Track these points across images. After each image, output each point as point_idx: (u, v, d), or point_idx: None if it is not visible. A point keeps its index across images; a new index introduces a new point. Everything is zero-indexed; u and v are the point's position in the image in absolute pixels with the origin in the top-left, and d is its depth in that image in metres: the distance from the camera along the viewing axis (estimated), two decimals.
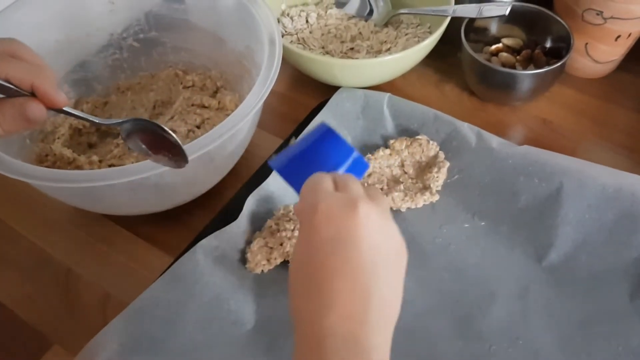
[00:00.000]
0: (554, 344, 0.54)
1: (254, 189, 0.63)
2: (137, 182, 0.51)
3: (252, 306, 0.57)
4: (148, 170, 0.50)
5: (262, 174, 0.66)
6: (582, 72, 0.77)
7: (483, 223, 0.63)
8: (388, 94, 0.70)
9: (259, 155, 0.69)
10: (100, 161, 0.64)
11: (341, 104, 0.70)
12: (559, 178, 0.62)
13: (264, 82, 0.58)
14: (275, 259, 0.59)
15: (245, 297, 0.57)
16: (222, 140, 0.52)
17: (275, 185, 0.63)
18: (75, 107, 0.71)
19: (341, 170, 0.47)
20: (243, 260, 0.59)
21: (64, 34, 0.69)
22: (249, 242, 0.60)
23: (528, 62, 0.74)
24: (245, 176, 0.67)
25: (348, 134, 0.69)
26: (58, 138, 0.65)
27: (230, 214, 0.62)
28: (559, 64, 0.68)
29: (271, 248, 0.59)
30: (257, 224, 0.62)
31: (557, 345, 0.54)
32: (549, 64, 0.70)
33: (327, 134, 0.48)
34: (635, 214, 0.59)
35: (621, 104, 0.75)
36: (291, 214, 0.61)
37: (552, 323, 0.56)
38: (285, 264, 0.60)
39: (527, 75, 0.68)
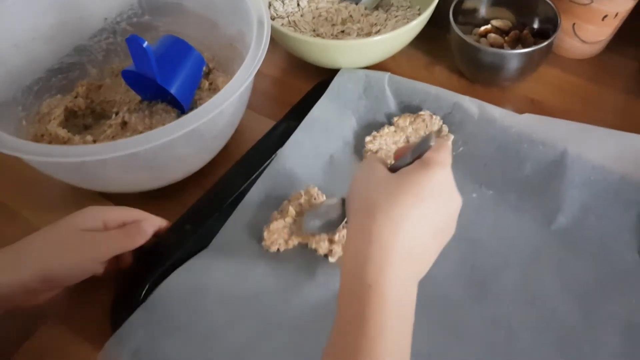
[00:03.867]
0: (570, 302, 0.56)
1: (245, 169, 0.65)
2: (129, 158, 0.53)
3: (272, 280, 0.59)
4: (139, 145, 0.52)
5: (254, 154, 0.67)
6: (570, 52, 0.78)
7: (491, 192, 0.64)
8: (388, 74, 0.72)
9: (250, 136, 0.70)
10: (94, 141, 0.66)
11: (343, 85, 0.72)
12: (563, 142, 0.64)
13: (252, 60, 0.59)
14: (293, 240, 0.60)
15: (264, 272, 0.59)
16: (210, 117, 0.54)
17: (290, 165, 0.65)
18: (70, 90, 0.72)
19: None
20: (259, 240, 0.61)
21: (58, 18, 0.71)
22: (265, 222, 0.61)
23: (516, 43, 0.75)
24: (237, 156, 0.68)
25: (352, 114, 0.71)
26: (54, 119, 0.67)
27: (221, 192, 0.64)
28: (545, 43, 0.69)
29: (290, 230, 0.60)
30: (273, 203, 0.63)
31: (573, 303, 0.56)
32: (536, 44, 0.70)
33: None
34: (639, 171, 0.61)
35: (609, 84, 0.76)
36: (303, 199, 0.63)
37: (566, 283, 0.58)
38: (302, 246, 0.61)
39: (514, 55, 0.69)
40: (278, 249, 0.60)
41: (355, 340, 0.38)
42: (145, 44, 0.59)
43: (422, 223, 0.42)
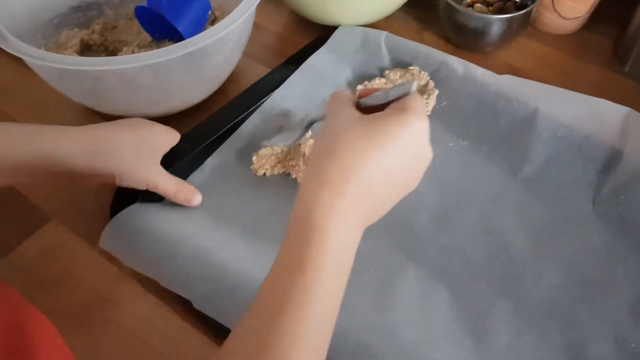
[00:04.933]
0: (522, 239, 0.62)
1: (242, 103, 0.71)
2: (132, 75, 0.58)
3: (256, 202, 0.65)
4: (144, 60, 0.58)
5: (250, 92, 0.73)
6: (551, 27, 0.84)
7: (466, 143, 0.70)
8: (385, 32, 0.79)
9: (246, 80, 0.76)
10: None
11: (342, 39, 0.79)
12: (535, 101, 0.70)
13: None
14: (278, 167, 0.67)
15: (250, 193, 0.66)
16: (211, 41, 0.60)
17: (284, 104, 0.71)
18: (87, 27, 0.79)
19: None
20: (248, 164, 0.67)
21: None
22: (255, 149, 0.68)
23: (499, 14, 0.81)
24: (232, 96, 0.74)
25: (347, 65, 0.77)
26: (70, 47, 0.73)
27: (219, 119, 0.70)
28: (524, 11, 0.75)
29: (277, 158, 0.67)
30: (264, 135, 0.69)
31: (525, 240, 0.62)
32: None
33: None
34: (602, 133, 0.67)
35: (585, 59, 0.82)
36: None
37: (522, 222, 0.63)
38: (285, 175, 0.67)
39: (495, 20, 0.76)
40: (264, 174, 0.67)
41: (292, 282, 0.37)
42: None
43: (386, 173, 0.40)
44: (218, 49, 0.66)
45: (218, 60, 0.68)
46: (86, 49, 0.76)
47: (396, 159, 0.40)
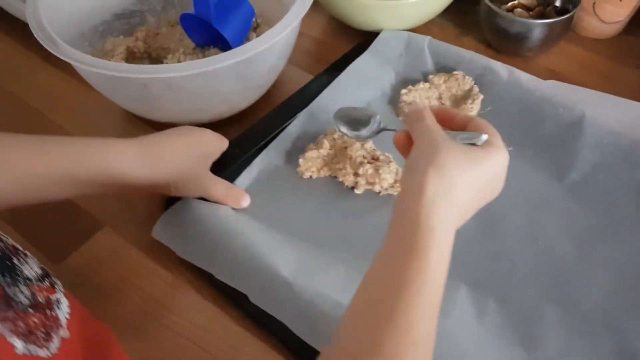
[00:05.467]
0: (569, 244, 0.62)
1: (288, 108, 0.72)
2: (179, 82, 0.59)
3: (302, 203, 0.66)
4: (193, 68, 0.59)
5: (295, 98, 0.74)
6: (591, 32, 0.84)
7: (511, 148, 0.69)
8: (429, 37, 0.79)
9: (290, 87, 0.77)
10: None
11: (386, 43, 0.79)
12: (581, 107, 0.69)
13: (300, 6, 0.65)
14: (324, 170, 0.68)
15: (296, 195, 0.67)
16: (259, 50, 0.61)
17: (329, 105, 0.72)
18: (130, 34, 0.80)
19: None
20: (294, 166, 0.68)
21: None
22: (301, 152, 0.69)
23: (540, 19, 0.81)
24: (276, 103, 0.75)
25: (392, 69, 0.78)
26: (116, 55, 0.74)
27: (258, 131, 0.71)
28: (567, 15, 0.75)
29: (323, 161, 0.67)
30: (310, 137, 0.70)
31: (572, 246, 0.62)
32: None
33: None
34: None
35: (625, 63, 0.82)
36: (337, 135, 0.70)
37: (569, 228, 0.63)
38: (331, 178, 0.68)
39: (538, 24, 0.76)
40: (310, 176, 0.68)
41: (407, 267, 0.42)
42: None
43: (477, 191, 0.47)
44: (265, 57, 0.66)
45: (265, 68, 0.68)
46: (130, 57, 0.77)
47: (485, 181, 0.48)
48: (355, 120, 0.64)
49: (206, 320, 0.58)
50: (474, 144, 0.49)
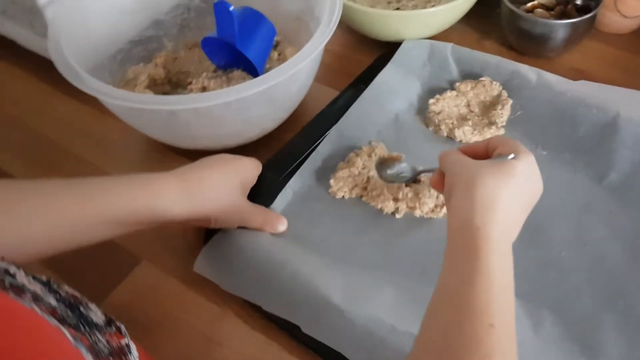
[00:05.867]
0: (619, 248, 0.61)
1: (311, 133, 0.71)
2: (207, 109, 0.58)
3: (339, 225, 0.65)
4: (223, 97, 0.58)
5: (319, 120, 0.73)
6: (612, 27, 0.83)
7: (545, 152, 0.69)
8: (451, 44, 0.78)
9: (316, 104, 0.76)
10: None
11: (409, 53, 0.78)
12: (615, 106, 0.68)
13: (325, 28, 0.65)
14: (355, 190, 0.66)
15: (332, 218, 0.65)
16: (289, 75, 0.60)
17: (358, 121, 0.72)
18: (149, 61, 0.79)
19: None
20: (327, 187, 0.67)
21: None
22: (332, 171, 0.68)
23: (561, 18, 0.80)
24: (304, 121, 0.74)
25: (417, 79, 0.77)
26: (139, 83, 0.73)
27: (289, 152, 0.70)
28: (590, 14, 0.75)
29: (354, 181, 0.66)
30: (341, 154, 0.70)
31: (622, 249, 0.61)
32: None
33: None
34: None
35: None
36: (366, 151, 0.69)
37: (616, 231, 0.62)
38: (361, 198, 0.67)
39: (561, 25, 0.75)
40: (343, 196, 0.66)
41: (470, 271, 0.44)
42: (231, 8, 0.65)
43: (513, 197, 0.49)
44: (294, 79, 0.65)
45: (294, 89, 0.67)
46: (151, 84, 0.76)
47: (521, 187, 0.51)
48: (391, 164, 0.66)
49: (257, 351, 0.57)
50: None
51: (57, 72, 0.63)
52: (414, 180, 0.65)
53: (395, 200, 0.65)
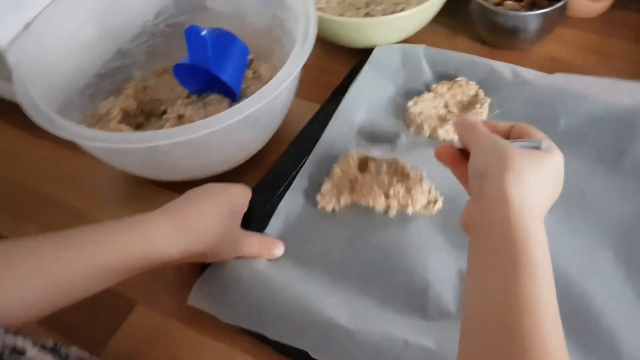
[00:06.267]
0: (611, 235, 0.60)
1: (296, 151, 0.69)
2: (194, 145, 0.56)
3: (335, 237, 0.63)
4: (204, 128, 0.55)
5: (303, 136, 0.72)
6: (582, 12, 0.83)
7: None
8: (423, 46, 0.77)
9: (298, 120, 0.74)
10: None
11: (381, 59, 0.77)
12: (593, 96, 0.68)
13: (302, 46, 0.63)
14: (344, 198, 0.64)
15: (327, 231, 0.64)
16: (266, 102, 0.57)
17: (339, 133, 0.70)
18: (118, 93, 0.76)
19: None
20: (316, 204, 0.65)
21: (100, 25, 0.75)
22: (319, 186, 0.66)
23: (532, 8, 0.79)
24: (288, 139, 0.72)
25: (392, 84, 0.76)
26: (112, 118, 0.70)
27: (277, 173, 0.68)
28: (561, 3, 0.74)
29: (339, 189, 0.65)
30: (326, 169, 0.68)
31: (619, 237, 0.60)
32: (550, 6, 0.75)
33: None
34: None
35: (619, 36, 0.82)
36: (352, 158, 0.67)
37: (609, 216, 0.62)
38: (352, 206, 0.65)
39: (534, 16, 0.75)
40: (333, 209, 0.65)
41: (515, 284, 0.41)
42: (203, 33, 0.63)
43: (546, 191, 0.48)
44: (276, 100, 0.63)
45: (276, 109, 0.65)
46: (124, 117, 0.73)
47: (552, 181, 0.49)
48: (380, 136, 0.64)
49: None
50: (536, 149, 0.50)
51: (22, 113, 0.60)
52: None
53: (387, 196, 0.63)
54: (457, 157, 0.55)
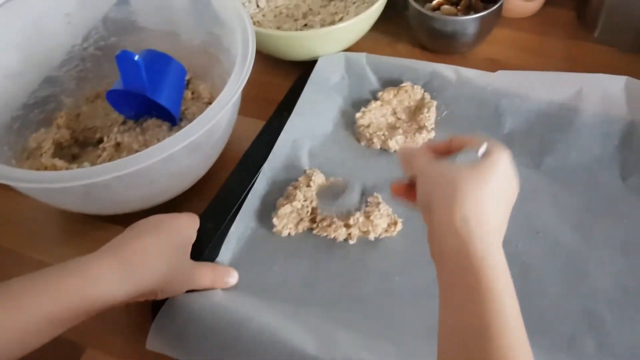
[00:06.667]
0: (570, 231, 0.61)
1: (244, 172, 0.67)
2: (137, 175, 0.53)
3: (293, 265, 0.61)
4: (145, 160, 0.52)
5: (250, 156, 0.69)
6: (516, 12, 0.84)
7: None
8: (365, 53, 0.76)
9: (243, 139, 0.71)
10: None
11: (326, 69, 0.76)
12: (536, 91, 0.69)
13: (243, 65, 0.60)
14: (302, 223, 0.63)
15: (284, 259, 0.62)
16: (210, 126, 0.55)
17: (288, 151, 0.68)
18: (49, 124, 0.71)
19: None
20: (270, 227, 0.63)
21: (24, 53, 0.70)
22: (273, 209, 0.64)
23: (468, 10, 0.80)
24: (234, 160, 0.69)
25: (338, 95, 0.75)
26: (45, 152, 0.66)
27: (225, 197, 0.66)
28: (497, 5, 0.75)
29: (299, 215, 0.63)
30: (278, 190, 0.66)
31: (572, 231, 0.61)
32: (486, 9, 0.76)
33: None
34: (608, 106, 0.68)
35: (553, 34, 0.83)
36: (304, 181, 0.65)
37: (563, 214, 0.63)
38: (309, 231, 0.63)
39: (471, 20, 0.75)
40: (289, 234, 0.63)
41: (478, 310, 0.41)
42: (136, 57, 0.59)
43: (499, 200, 0.46)
44: (219, 123, 0.60)
45: (219, 132, 0.63)
46: (57, 149, 0.69)
47: (501, 186, 0.47)
48: (335, 193, 0.62)
49: None
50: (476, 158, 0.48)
51: None
52: (365, 205, 0.62)
53: (347, 226, 0.62)
54: (411, 190, 0.52)
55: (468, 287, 0.42)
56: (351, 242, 0.62)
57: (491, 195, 0.45)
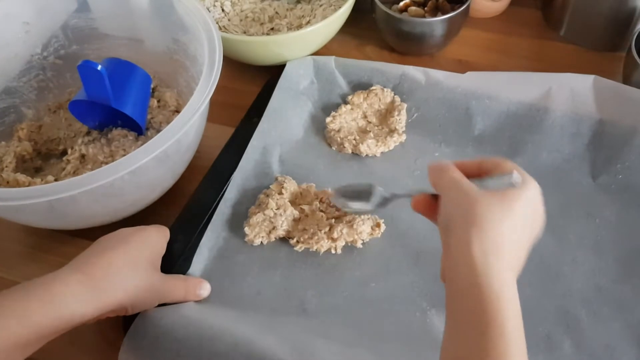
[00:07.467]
0: (543, 232, 0.60)
1: (214, 180, 0.66)
2: (104, 189, 0.51)
3: (268, 275, 0.60)
4: (113, 173, 0.51)
5: (220, 164, 0.68)
6: (483, 12, 0.84)
7: (449, 149, 0.69)
8: (333, 57, 0.75)
9: (212, 147, 0.70)
10: (56, 180, 0.63)
11: (294, 74, 0.74)
12: (505, 92, 0.69)
13: (211, 68, 0.59)
14: (275, 232, 0.61)
15: (259, 269, 0.61)
16: (178, 136, 0.54)
17: (258, 158, 0.67)
18: (10, 136, 0.69)
19: None
20: (242, 236, 0.62)
21: None
22: (245, 217, 0.63)
23: (435, 12, 0.80)
24: (204, 168, 0.68)
25: (308, 99, 0.74)
26: (6, 167, 0.63)
27: (196, 207, 0.64)
28: (464, 6, 0.75)
29: (271, 224, 0.61)
30: (249, 198, 0.65)
31: (546, 232, 0.59)
32: (454, 10, 0.76)
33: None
34: (576, 106, 0.68)
35: (520, 34, 0.84)
36: (275, 189, 0.64)
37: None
38: (281, 240, 0.62)
39: (439, 22, 0.75)
40: (262, 242, 0.62)
41: (485, 345, 0.40)
42: (99, 67, 0.58)
43: (517, 231, 0.45)
44: (188, 132, 0.59)
45: (188, 141, 0.61)
46: (20, 162, 0.66)
47: (524, 219, 0.46)
48: (356, 193, 0.59)
49: None
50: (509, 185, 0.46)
51: None
52: (384, 203, 0.58)
53: (333, 239, 0.61)
54: (432, 206, 0.51)
55: (478, 322, 0.41)
56: (333, 252, 0.61)
57: (513, 228, 0.45)
